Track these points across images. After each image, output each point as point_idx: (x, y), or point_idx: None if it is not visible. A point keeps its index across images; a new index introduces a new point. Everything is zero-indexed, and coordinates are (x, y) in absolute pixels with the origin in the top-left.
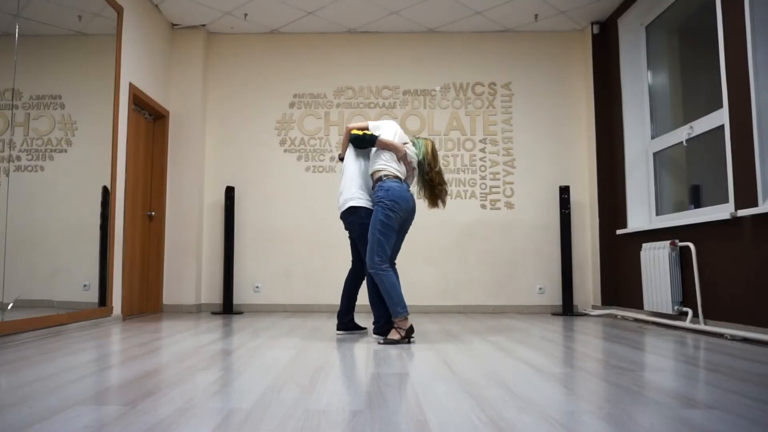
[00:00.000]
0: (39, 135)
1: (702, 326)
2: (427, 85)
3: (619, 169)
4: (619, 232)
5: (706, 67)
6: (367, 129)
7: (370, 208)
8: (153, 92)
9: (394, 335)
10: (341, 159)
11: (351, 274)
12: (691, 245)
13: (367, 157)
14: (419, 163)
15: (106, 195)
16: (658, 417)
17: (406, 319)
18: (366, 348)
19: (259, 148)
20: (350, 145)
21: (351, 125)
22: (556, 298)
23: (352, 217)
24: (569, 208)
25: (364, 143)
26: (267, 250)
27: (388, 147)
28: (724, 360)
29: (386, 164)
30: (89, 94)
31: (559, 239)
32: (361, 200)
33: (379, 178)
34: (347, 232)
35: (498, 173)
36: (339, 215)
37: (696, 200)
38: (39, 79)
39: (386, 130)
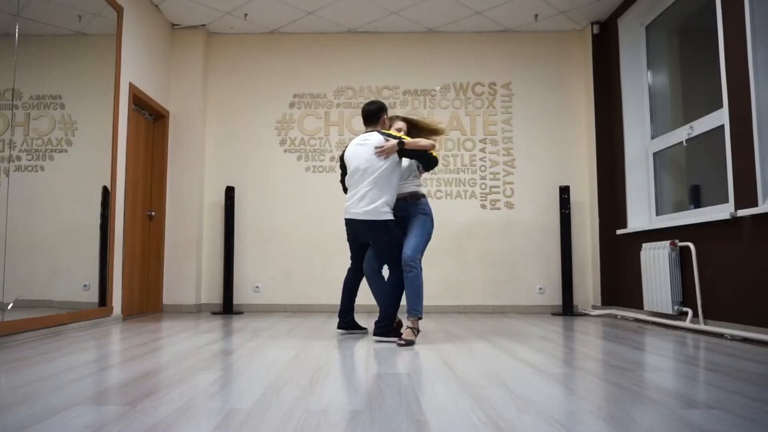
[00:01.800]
0: (39, 135)
1: (702, 326)
2: (427, 85)
3: (619, 169)
4: (619, 232)
5: (706, 67)
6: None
7: (392, 219)
8: (153, 92)
9: (410, 336)
10: (402, 145)
11: (351, 273)
12: (691, 245)
13: (396, 171)
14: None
15: (106, 195)
16: (658, 417)
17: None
18: (366, 348)
19: (259, 148)
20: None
21: (430, 144)
22: (556, 298)
23: (380, 226)
24: (569, 208)
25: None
26: (267, 250)
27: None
28: (724, 360)
29: (420, 184)
30: (89, 94)
31: (559, 239)
32: (390, 214)
33: (422, 195)
34: (351, 235)
35: (498, 173)
36: (352, 219)
37: (696, 200)
38: (39, 79)
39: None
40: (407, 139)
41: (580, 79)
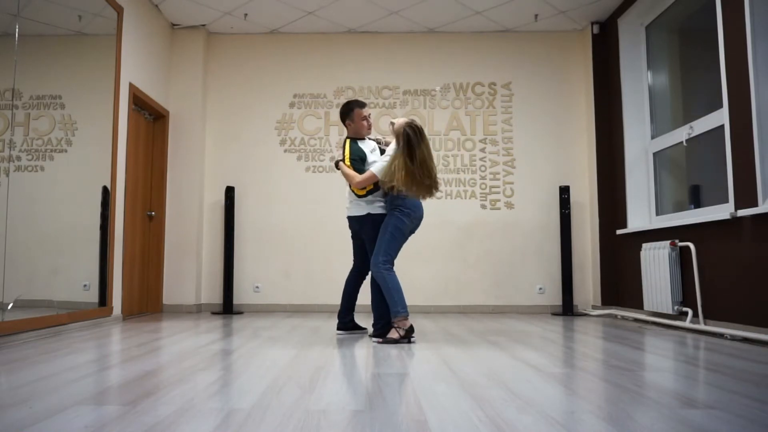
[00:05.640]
0: (39, 135)
1: (702, 326)
2: (427, 85)
3: (619, 169)
4: (619, 232)
5: (706, 67)
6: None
7: (384, 213)
8: (153, 92)
9: (393, 334)
10: (336, 165)
11: (352, 274)
12: (691, 245)
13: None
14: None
15: (106, 195)
16: (658, 417)
17: (406, 319)
18: (366, 348)
19: (259, 148)
20: (364, 151)
21: (354, 182)
22: (556, 298)
23: (367, 221)
24: (569, 208)
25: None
26: (267, 250)
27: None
28: (724, 360)
29: None
30: (89, 94)
31: (559, 239)
32: (377, 208)
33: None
34: (351, 232)
35: (498, 173)
36: (347, 216)
37: (696, 200)
38: (39, 79)
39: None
40: (342, 164)
41: (580, 79)
